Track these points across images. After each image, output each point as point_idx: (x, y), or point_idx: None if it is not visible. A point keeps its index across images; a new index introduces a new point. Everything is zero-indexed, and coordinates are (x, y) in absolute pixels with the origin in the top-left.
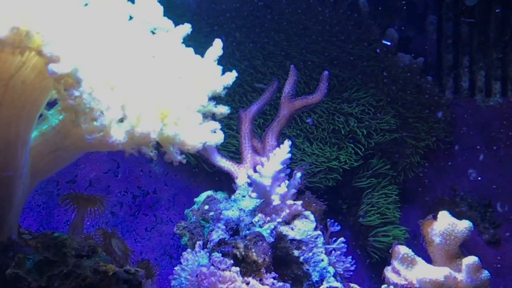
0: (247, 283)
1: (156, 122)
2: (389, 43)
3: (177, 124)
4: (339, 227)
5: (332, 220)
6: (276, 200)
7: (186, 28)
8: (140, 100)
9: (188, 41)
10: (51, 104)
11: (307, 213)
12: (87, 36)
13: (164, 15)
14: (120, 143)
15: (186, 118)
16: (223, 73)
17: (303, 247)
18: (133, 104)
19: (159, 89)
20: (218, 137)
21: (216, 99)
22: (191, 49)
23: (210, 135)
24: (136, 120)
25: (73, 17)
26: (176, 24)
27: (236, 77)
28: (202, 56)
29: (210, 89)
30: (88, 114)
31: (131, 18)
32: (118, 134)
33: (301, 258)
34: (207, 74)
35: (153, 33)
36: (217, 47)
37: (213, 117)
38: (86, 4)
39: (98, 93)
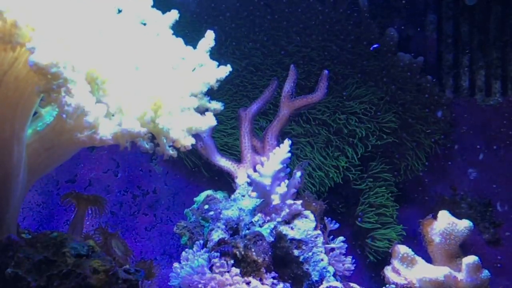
0: (248, 283)
1: (144, 116)
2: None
3: (171, 114)
4: (337, 225)
5: (329, 218)
6: (276, 200)
7: (173, 15)
8: (130, 93)
9: (187, 40)
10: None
11: (307, 212)
12: (75, 29)
13: (164, 14)
14: (107, 139)
15: (179, 109)
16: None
17: (303, 247)
18: (122, 99)
19: (150, 81)
20: (210, 121)
21: (212, 95)
22: (180, 39)
23: (201, 120)
24: (124, 116)
25: (61, 9)
26: (176, 23)
27: (236, 74)
28: None
29: (203, 80)
30: (74, 111)
31: (120, 11)
32: (104, 131)
33: (301, 258)
34: (199, 65)
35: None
36: (209, 38)
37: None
38: None
39: (82, 90)
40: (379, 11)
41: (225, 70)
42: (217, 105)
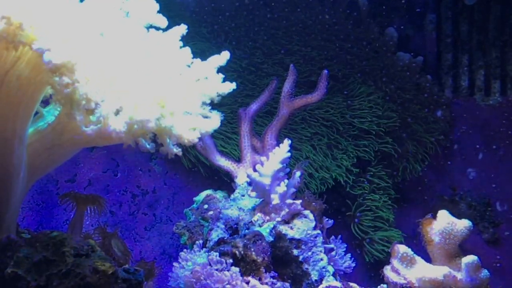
0: (247, 283)
1: (154, 109)
2: None
3: (173, 114)
4: (331, 221)
5: (325, 217)
6: (275, 199)
7: (182, 29)
8: (136, 91)
9: (187, 40)
10: (45, 102)
11: (307, 212)
12: (83, 29)
13: (164, 14)
14: (120, 131)
15: (182, 110)
16: (223, 80)
17: (303, 246)
18: (129, 95)
19: (155, 82)
20: (214, 123)
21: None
22: (188, 49)
23: (205, 122)
24: (134, 109)
25: (68, 11)
26: (175, 23)
27: (237, 75)
28: (201, 56)
29: (205, 92)
30: (83, 105)
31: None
32: (117, 123)
33: (301, 257)
34: (205, 77)
35: (155, 28)
36: (222, 58)
37: None
38: (81, 0)
39: (94, 83)
40: (379, 11)
41: (229, 87)
42: (216, 116)
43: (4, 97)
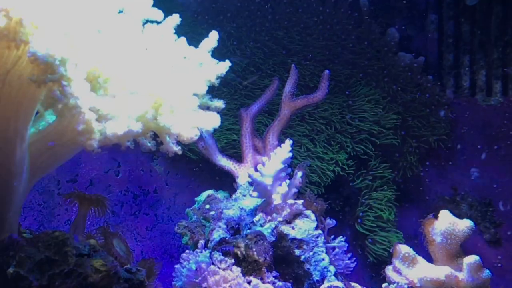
0: (249, 282)
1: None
2: None
3: (172, 112)
4: (334, 222)
5: (328, 217)
6: (277, 200)
7: (175, 19)
8: (130, 92)
9: (188, 40)
10: None
11: (308, 212)
12: (77, 27)
13: (165, 14)
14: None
15: (181, 107)
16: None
17: (304, 246)
18: (122, 97)
19: (152, 79)
20: (215, 121)
21: (213, 94)
22: (183, 39)
23: (206, 119)
24: (129, 111)
25: (64, 9)
26: (177, 25)
27: (238, 76)
28: None
29: (204, 78)
30: (70, 108)
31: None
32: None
33: (302, 257)
34: (200, 63)
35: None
36: (212, 39)
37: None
38: None
39: (82, 84)
40: (380, 11)
41: (225, 66)
42: (218, 103)
43: (6, 96)
